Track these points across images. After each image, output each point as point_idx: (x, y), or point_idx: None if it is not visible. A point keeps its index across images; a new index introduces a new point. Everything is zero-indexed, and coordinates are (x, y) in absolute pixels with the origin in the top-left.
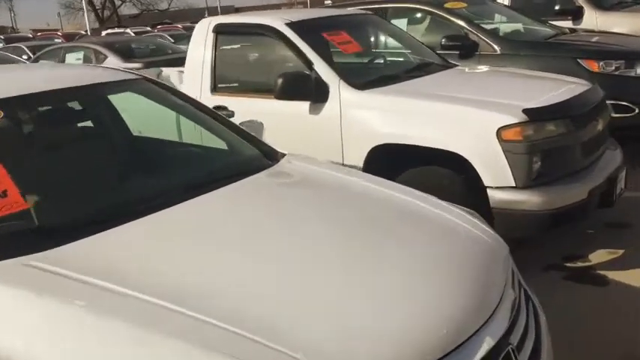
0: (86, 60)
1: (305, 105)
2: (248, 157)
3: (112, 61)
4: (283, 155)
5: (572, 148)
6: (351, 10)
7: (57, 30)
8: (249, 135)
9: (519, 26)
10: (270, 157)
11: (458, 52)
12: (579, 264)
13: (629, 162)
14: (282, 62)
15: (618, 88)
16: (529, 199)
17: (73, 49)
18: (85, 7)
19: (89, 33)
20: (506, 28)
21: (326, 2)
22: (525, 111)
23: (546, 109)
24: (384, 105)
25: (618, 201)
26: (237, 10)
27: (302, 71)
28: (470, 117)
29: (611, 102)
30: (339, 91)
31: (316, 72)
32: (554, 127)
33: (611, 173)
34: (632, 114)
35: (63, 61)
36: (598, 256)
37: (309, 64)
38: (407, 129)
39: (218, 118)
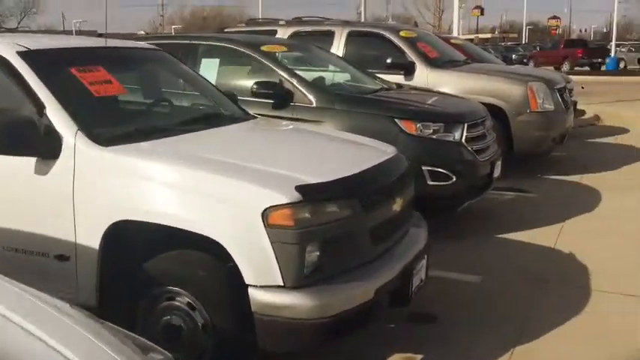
0: None
1: (31, 161)
2: None
3: None
4: None
5: (359, 235)
6: (129, 43)
7: None
8: None
9: (345, 78)
10: None
11: (272, 102)
12: None
13: (442, 235)
14: (12, 103)
15: (435, 153)
16: (299, 304)
17: None
18: None
19: None
20: (329, 78)
21: (139, 33)
22: (299, 188)
23: (327, 185)
24: (128, 168)
25: (417, 296)
26: (100, 36)
27: (25, 116)
28: (231, 192)
29: (428, 168)
30: (75, 145)
31: (48, 118)
32: (336, 208)
33: (407, 263)
34: (449, 182)
35: None
36: None
37: (40, 107)
38: (153, 202)
39: None
